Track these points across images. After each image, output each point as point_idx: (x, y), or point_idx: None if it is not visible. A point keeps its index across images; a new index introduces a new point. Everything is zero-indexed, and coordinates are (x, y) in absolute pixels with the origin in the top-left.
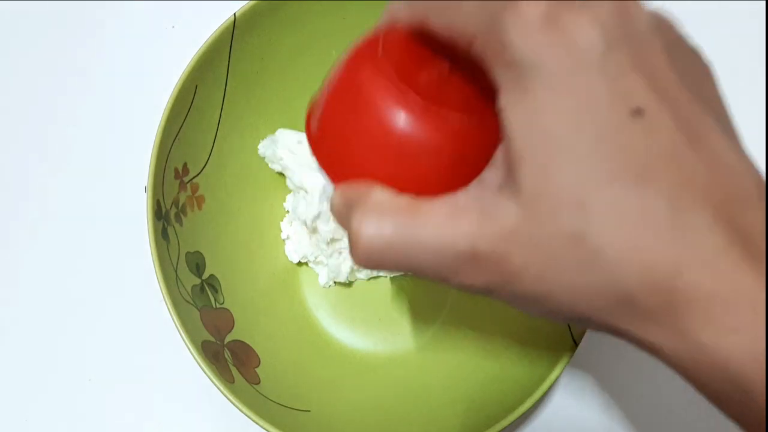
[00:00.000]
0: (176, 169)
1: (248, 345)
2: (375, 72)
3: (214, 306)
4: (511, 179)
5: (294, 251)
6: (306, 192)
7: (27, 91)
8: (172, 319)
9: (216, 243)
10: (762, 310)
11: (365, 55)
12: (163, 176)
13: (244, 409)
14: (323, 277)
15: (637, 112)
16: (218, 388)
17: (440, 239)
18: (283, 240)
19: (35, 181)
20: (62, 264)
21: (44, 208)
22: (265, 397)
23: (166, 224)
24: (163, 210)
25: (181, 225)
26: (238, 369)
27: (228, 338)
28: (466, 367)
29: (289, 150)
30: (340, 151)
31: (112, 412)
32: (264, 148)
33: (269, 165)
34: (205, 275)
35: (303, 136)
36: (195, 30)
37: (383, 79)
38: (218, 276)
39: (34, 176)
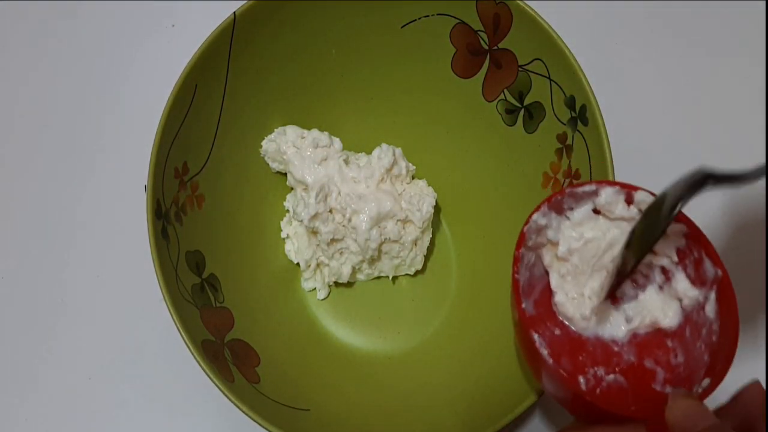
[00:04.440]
0: (176, 168)
1: (248, 344)
2: None
3: (213, 305)
4: None
5: (293, 251)
6: (306, 187)
7: (26, 90)
8: (172, 318)
9: (216, 242)
10: None
11: None
12: (163, 175)
13: (244, 408)
14: (322, 293)
15: None
16: (218, 387)
17: None
18: (283, 239)
19: (35, 180)
20: (62, 263)
21: (44, 207)
22: (265, 396)
23: (165, 223)
24: (163, 209)
25: (181, 224)
26: (237, 368)
27: (228, 337)
28: (466, 365)
29: (293, 144)
30: None
31: (111, 411)
32: (268, 143)
33: (270, 164)
34: (205, 274)
35: (306, 132)
36: (195, 29)
37: None
38: (218, 275)
39: (33, 176)
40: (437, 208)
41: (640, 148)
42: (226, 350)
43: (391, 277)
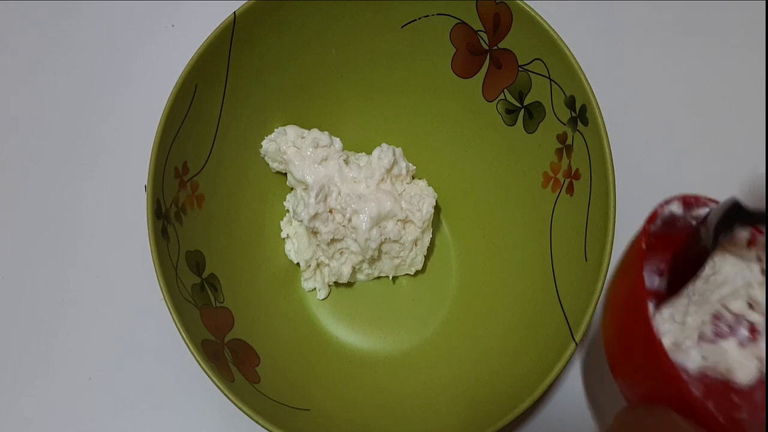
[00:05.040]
0: (176, 168)
1: (248, 344)
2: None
3: (214, 305)
4: None
5: (293, 251)
6: (306, 187)
7: (26, 90)
8: (173, 318)
9: (216, 242)
10: None
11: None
12: (163, 175)
13: (244, 408)
14: (322, 293)
15: None
16: (218, 387)
17: None
18: (283, 239)
19: (35, 180)
20: (62, 263)
21: (44, 207)
22: (265, 396)
23: (166, 223)
24: (163, 209)
25: (181, 224)
26: (237, 368)
27: (228, 337)
28: (466, 365)
29: (293, 144)
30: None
31: (112, 411)
32: (268, 143)
33: (270, 164)
34: (205, 274)
35: (306, 132)
36: (195, 29)
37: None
38: (218, 275)
39: (33, 176)
40: (437, 208)
41: (640, 148)
42: (226, 350)
43: (391, 277)
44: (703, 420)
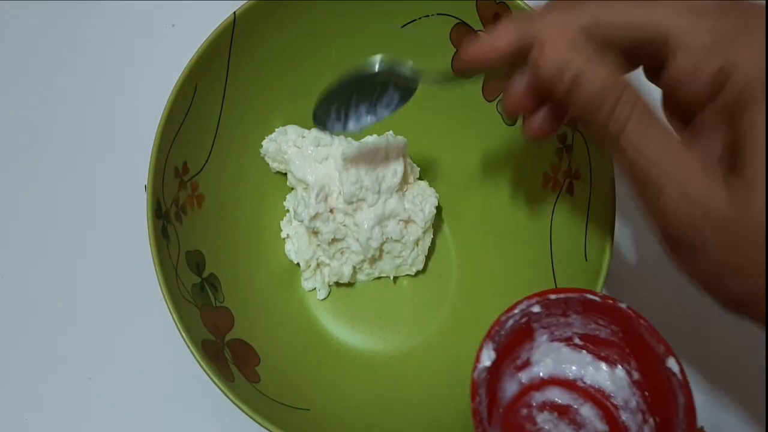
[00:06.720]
0: (176, 168)
1: (248, 344)
2: None
3: (214, 305)
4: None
5: (294, 251)
6: (307, 187)
7: (27, 90)
8: (173, 318)
9: (216, 242)
10: None
11: None
12: (163, 175)
13: (244, 407)
14: (322, 293)
15: None
16: (218, 387)
17: None
18: (283, 239)
19: (35, 180)
20: (62, 263)
21: (44, 207)
22: (265, 395)
23: (166, 223)
24: (163, 209)
25: (181, 224)
26: (238, 368)
27: (228, 337)
28: (466, 365)
29: (293, 143)
30: None
31: (112, 412)
32: (269, 142)
33: (270, 164)
34: (205, 274)
35: (307, 131)
36: (195, 29)
37: None
38: (218, 275)
39: (34, 176)
40: (438, 208)
41: None
42: (226, 350)
43: (392, 277)
44: None
